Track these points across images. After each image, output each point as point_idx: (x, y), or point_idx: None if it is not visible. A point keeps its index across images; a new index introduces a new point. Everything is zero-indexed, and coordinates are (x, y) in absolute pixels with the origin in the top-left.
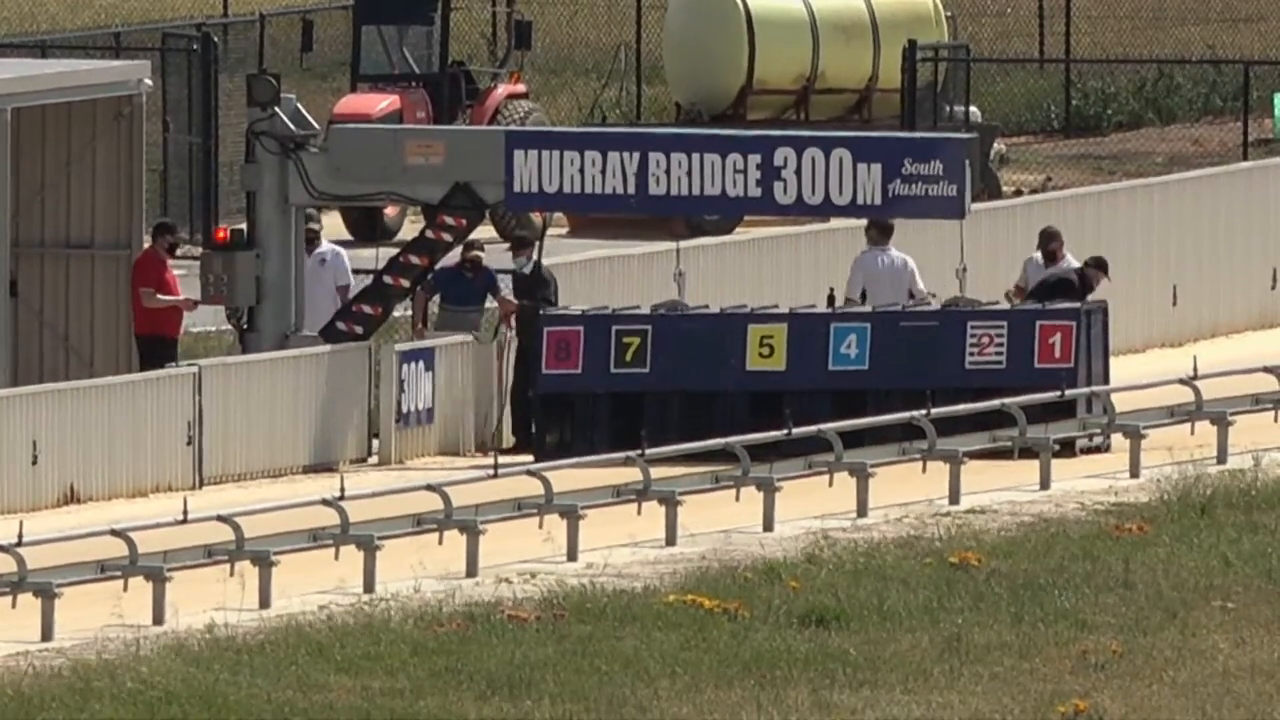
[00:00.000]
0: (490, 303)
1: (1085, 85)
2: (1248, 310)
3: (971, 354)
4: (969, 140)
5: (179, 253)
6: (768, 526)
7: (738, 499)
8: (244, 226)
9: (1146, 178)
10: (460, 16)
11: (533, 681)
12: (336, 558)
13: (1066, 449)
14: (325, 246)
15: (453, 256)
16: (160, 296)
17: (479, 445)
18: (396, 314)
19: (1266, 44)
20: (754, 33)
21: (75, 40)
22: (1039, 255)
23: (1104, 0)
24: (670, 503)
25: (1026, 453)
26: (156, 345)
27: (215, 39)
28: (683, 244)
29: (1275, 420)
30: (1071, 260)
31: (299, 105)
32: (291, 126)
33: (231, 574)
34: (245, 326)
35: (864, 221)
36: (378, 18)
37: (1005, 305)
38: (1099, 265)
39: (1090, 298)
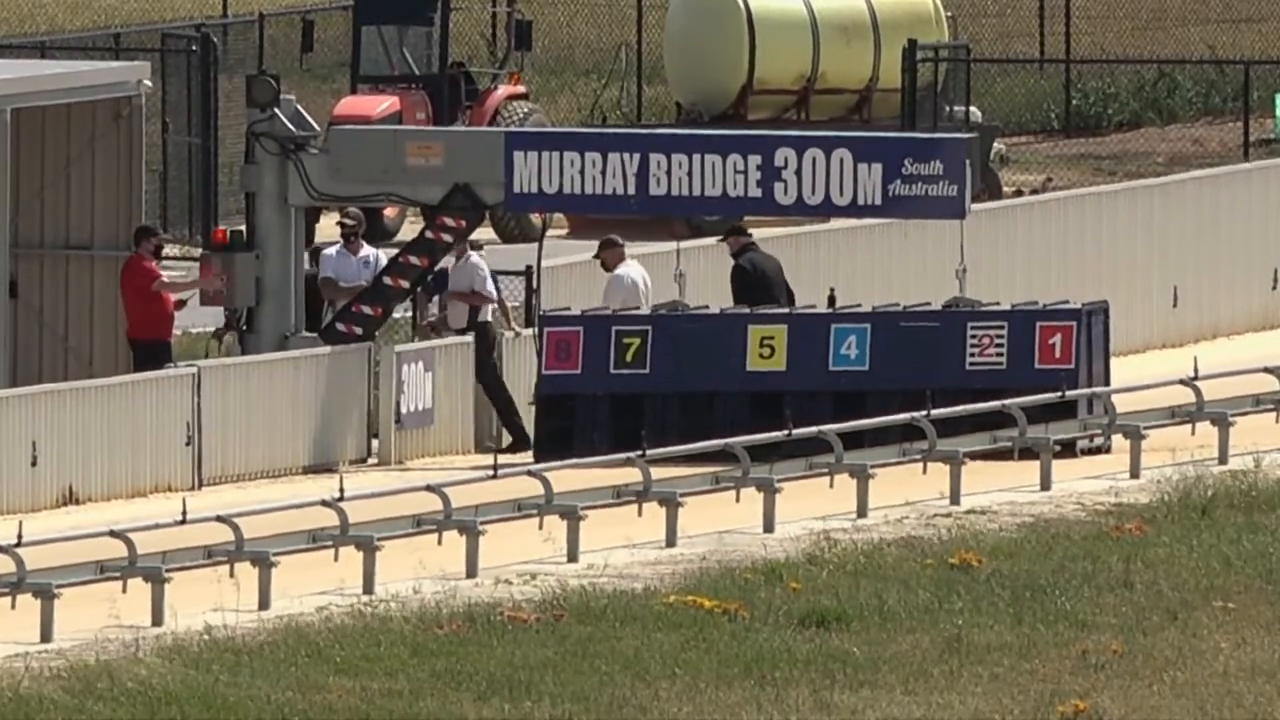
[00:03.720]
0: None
1: (1085, 85)
2: (1248, 311)
3: (972, 355)
4: (969, 140)
5: (178, 253)
6: (768, 527)
7: (738, 500)
8: (243, 227)
9: (1147, 178)
10: (460, 17)
11: (532, 682)
12: (336, 559)
13: (1067, 450)
14: (367, 249)
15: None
16: (169, 282)
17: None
18: (396, 315)
19: (1267, 44)
20: (754, 33)
21: (75, 41)
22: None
23: (1104, 0)
24: (671, 504)
25: (1027, 453)
26: (152, 349)
27: (215, 40)
28: (683, 244)
29: (1276, 421)
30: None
31: (299, 106)
32: (291, 127)
33: (231, 575)
34: (244, 328)
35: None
36: (377, 18)
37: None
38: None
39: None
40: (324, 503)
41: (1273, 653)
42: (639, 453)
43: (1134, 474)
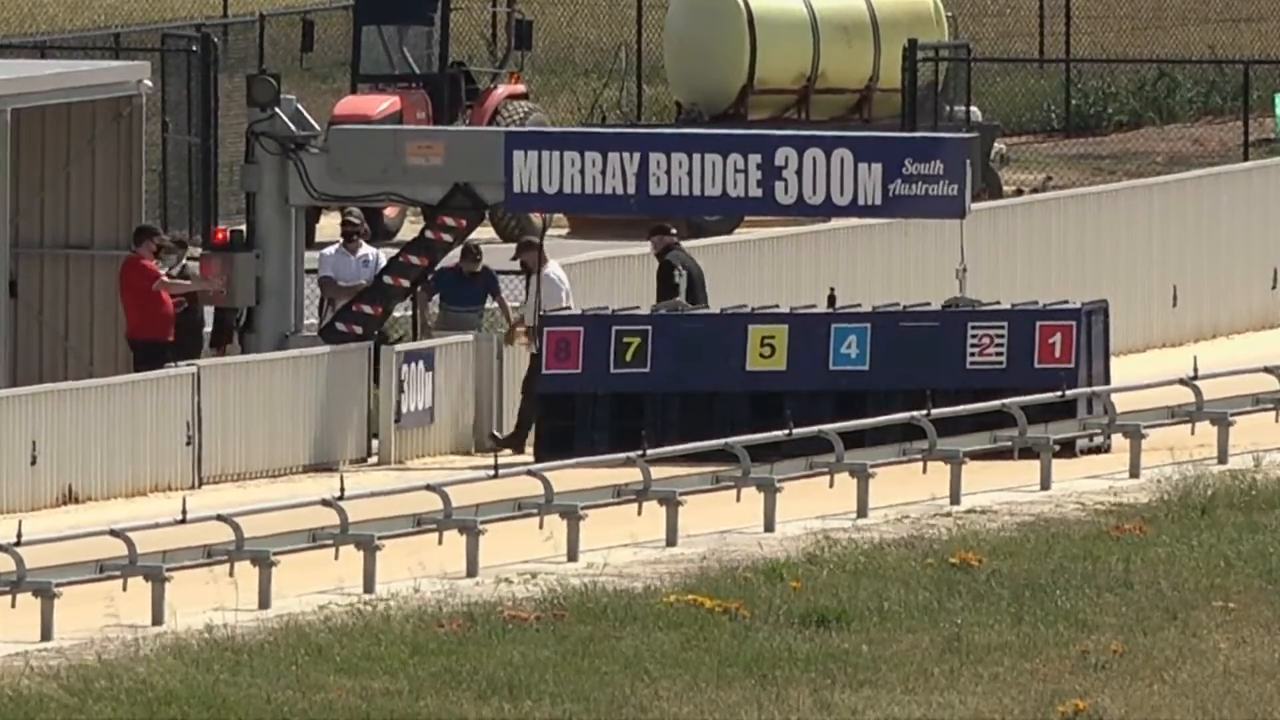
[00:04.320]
0: (490, 303)
1: (1085, 85)
2: (1248, 310)
3: (972, 354)
4: (969, 140)
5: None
6: (768, 527)
7: (738, 499)
8: (243, 227)
9: (1146, 178)
10: (460, 16)
11: (532, 682)
12: (336, 558)
13: (1067, 449)
14: (366, 249)
15: (453, 257)
16: (169, 281)
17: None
18: (396, 314)
19: (1267, 44)
20: (755, 32)
21: (75, 41)
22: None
23: (1104, 0)
24: (671, 503)
25: (1027, 453)
26: (151, 349)
27: (215, 39)
28: (683, 244)
29: (1276, 421)
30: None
31: (299, 106)
32: (291, 127)
33: (231, 574)
34: (244, 327)
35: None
36: (378, 18)
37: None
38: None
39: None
40: (324, 502)
41: (1273, 652)
42: (639, 452)
43: (1134, 474)
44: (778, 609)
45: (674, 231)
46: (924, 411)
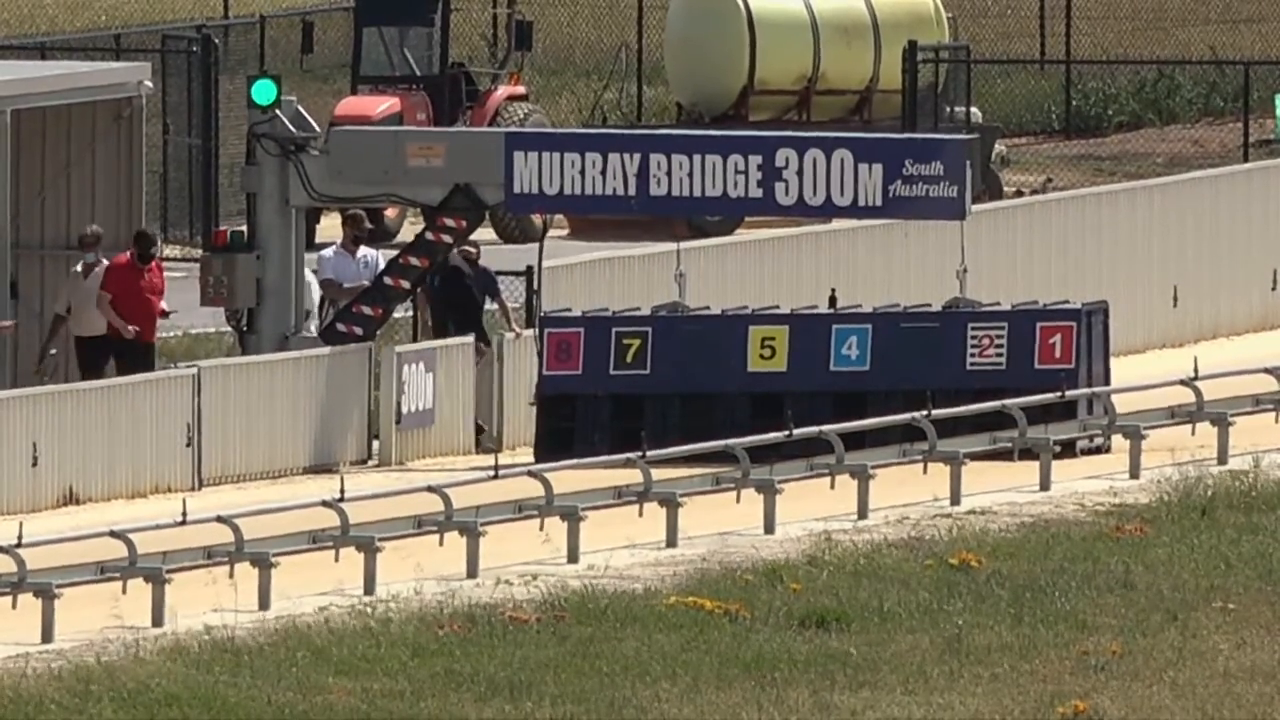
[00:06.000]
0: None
1: (1086, 86)
2: (1248, 311)
3: (972, 355)
4: (970, 141)
5: (179, 254)
6: (768, 528)
7: (738, 501)
8: (244, 228)
9: (1147, 179)
10: (460, 18)
11: (533, 683)
12: (336, 559)
13: (1067, 450)
14: (365, 250)
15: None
16: (107, 309)
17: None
18: (396, 315)
19: (1267, 45)
20: (755, 33)
21: (75, 42)
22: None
23: (1104, 1)
24: (671, 504)
25: (1027, 454)
26: (131, 349)
27: (215, 41)
28: (684, 245)
29: (1276, 421)
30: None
31: (299, 107)
32: (292, 128)
33: (231, 576)
34: (245, 328)
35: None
36: (378, 19)
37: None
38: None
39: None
40: (324, 503)
41: (1273, 653)
42: (639, 453)
43: (1134, 474)
44: (778, 610)
45: None
46: (924, 412)
